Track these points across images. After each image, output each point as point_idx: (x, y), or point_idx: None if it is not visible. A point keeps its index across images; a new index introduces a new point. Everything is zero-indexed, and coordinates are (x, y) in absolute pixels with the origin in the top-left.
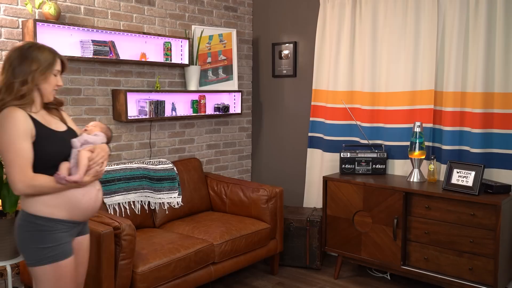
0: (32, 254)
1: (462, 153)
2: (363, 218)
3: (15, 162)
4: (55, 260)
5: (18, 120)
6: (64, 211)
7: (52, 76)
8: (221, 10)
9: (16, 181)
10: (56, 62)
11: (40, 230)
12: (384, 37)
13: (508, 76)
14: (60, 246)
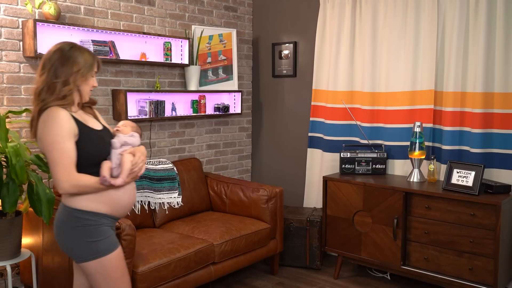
0: (84, 249)
1: (462, 153)
2: (363, 218)
3: (60, 161)
4: (109, 251)
5: (62, 119)
6: (107, 207)
7: (91, 78)
8: (221, 10)
9: (61, 180)
10: (95, 64)
11: (88, 225)
12: (384, 37)
13: (508, 76)
14: (108, 238)
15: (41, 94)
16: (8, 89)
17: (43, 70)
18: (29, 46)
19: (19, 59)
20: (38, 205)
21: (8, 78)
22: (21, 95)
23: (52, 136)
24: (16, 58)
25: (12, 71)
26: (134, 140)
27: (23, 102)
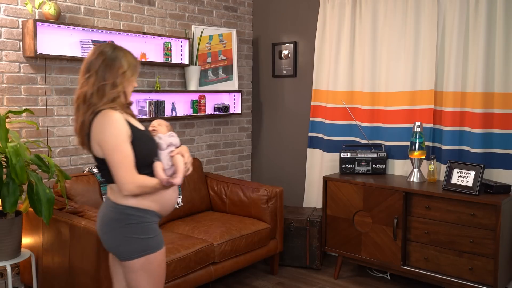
0: (135, 246)
1: (462, 153)
2: (363, 218)
3: (123, 163)
4: (157, 249)
5: (119, 122)
6: (157, 205)
7: (134, 78)
8: (221, 10)
9: (126, 182)
10: (138, 65)
11: (142, 222)
12: (384, 37)
13: (508, 76)
14: (158, 236)
15: (92, 98)
16: (8, 89)
17: (88, 73)
18: (29, 46)
19: (19, 59)
20: (38, 205)
21: (8, 78)
22: (21, 95)
23: (113, 139)
24: (16, 58)
25: (12, 71)
26: (177, 140)
27: (23, 102)
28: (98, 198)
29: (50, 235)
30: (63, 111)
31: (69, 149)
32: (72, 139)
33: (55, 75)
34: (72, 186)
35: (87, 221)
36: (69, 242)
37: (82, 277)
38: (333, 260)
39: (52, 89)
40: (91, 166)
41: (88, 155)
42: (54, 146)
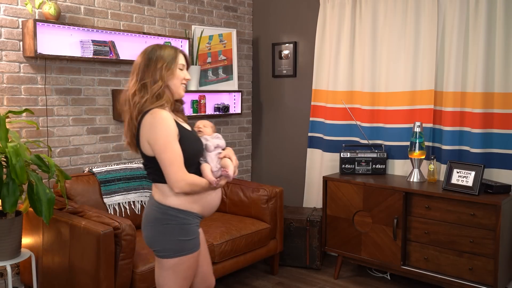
0: (172, 246)
1: (462, 153)
2: (363, 218)
3: (175, 162)
4: (191, 251)
5: (168, 120)
6: (199, 206)
7: (177, 70)
8: (221, 10)
9: (177, 180)
10: (178, 56)
11: (182, 223)
12: (384, 37)
13: (508, 76)
14: (196, 239)
15: (134, 97)
16: (8, 89)
17: (132, 75)
18: (29, 46)
19: (19, 59)
20: (38, 205)
21: (8, 78)
22: (21, 95)
23: (164, 137)
24: (16, 58)
25: (12, 71)
26: (223, 142)
27: (23, 102)
28: (98, 198)
29: (50, 235)
30: (63, 111)
31: (69, 149)
32: (72, 139)
33: (55, 75)
34: (72, 186)
35: (87, 221)
36: (69, 242)
37: (82, 277)
38: (333, 260)
39: (52, 89)
40: (91, 166)
41: (88, 155)
42: (54, 146)
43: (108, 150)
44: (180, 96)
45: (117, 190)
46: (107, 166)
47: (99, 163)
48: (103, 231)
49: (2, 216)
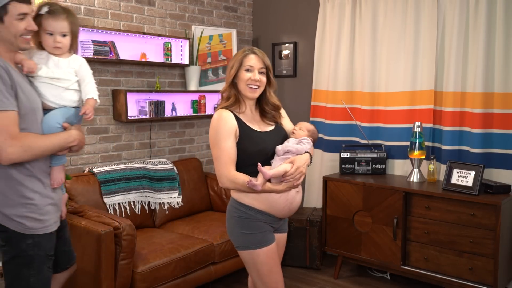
0: (238, 238)
1: (462, 153)
2: (363, 218)
3: (221, 158)
4: (259, 246)
5: (223, 120)
6: (262, 204)
7: (243, 72)
8: (221, 10)
9: (221, 175)
10: (245, 58)
11: (244, 217)
12: (384, 37)
13: (508, 76)
14: (260, 233)
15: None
16: None
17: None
18: None
19: None
20: None
21: None
22: None
23: (215, 135)
24: None
25: None
26: (300, 148)
27: None
28: (98, 198)
29: None
30: None
31: None
32: None
33: None
34: (72, 186)
35: (87, 221)
36: None
37: (82, 277)
38: (333, 260)
39: None
40: (91, 166)
41: (88, 155)
42: None
43: (108, 150)
44: (248, 97)
45: (117, 190)
46: (107, 166)
47: (99, 163)
48: (103, 231)
49: None
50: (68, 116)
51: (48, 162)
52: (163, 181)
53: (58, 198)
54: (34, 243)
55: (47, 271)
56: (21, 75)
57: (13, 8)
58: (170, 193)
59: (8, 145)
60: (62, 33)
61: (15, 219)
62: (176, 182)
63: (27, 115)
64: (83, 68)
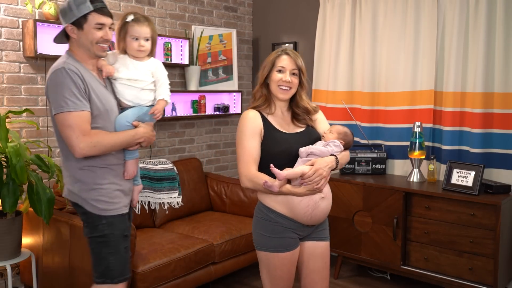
0: (257, 237)
1: (462, 153)
2: (363, 218)
3: (242, 157)
4: (271, 250)
5: (247, 120)
6: (283, 207)
7: (274, 73)
8: (221, 10)
9: (241, 174)
10: (278, 59)
11: (264, 219)
12: (384, 37)
13: (508, 76)
14: (278, 238)
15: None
16: (8, 89)
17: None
18: (29, 46)
19: (19, 59)
20: (38, 205)
21: (8, 78)
22: (21, 95)
23: (238, 134)
24: (16, 58)
25: (12, 71)
26: (324, 151)
27: (23, 102)
28: None
29: (50, 235)
30: None
31: None
32: None
33: None
34: None
35: None
36: (69, 242)
37: (82, 277)
38: (333, 260)
39: None
40: None
41: None
42: (54, 146)
43: None
44: (279, 98)
45: None
46: None
47: None
48: None
49: (2, 216)
50: (139, 115)
51: (120, 155)
52: (163, 181)
53: (127, 187)
54: (108, 223)
55: (124, 253)
56: (97, 80)
57: (93, 18)
58: (170, 193)
59: (80, 141)
60: (146, 37)
61: (90, 201)
62: (176, 182)
63: (100, 115)
64: (159, 70)
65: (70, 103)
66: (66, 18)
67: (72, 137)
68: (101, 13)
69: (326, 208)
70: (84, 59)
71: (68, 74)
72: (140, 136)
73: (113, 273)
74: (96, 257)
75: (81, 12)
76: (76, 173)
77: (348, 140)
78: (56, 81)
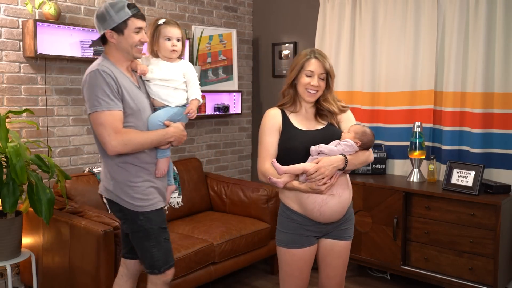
0: (276, 233)
1: (462, 153)
2: (363, 218)
3: (260, 152)
4: (284, 245)
5: (267, 117)
6: (296, 205)
7: (303, 76)
8: (221, 10)
9: (257, 168)
10: (307, 62)
11: (282, 216)
12: (384, 37)
13: (508, 76)
14: (292, 234)
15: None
16: (8, 89)
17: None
18: (29, 46)
19: (19, 59)
20: (38, 205)
21: (8, 78)
22: (21, 95)
23: (260, 130)
24: (16, 58)
25: (12, 71)
26: (332, 149)
27: (23, 102)
28: (98, 198)
29: (50, 235)
30: (63, 111)
31: (69, 149)
32: (72, 139)
33: (55, 75)
34: (72, 186)
35: (87, 221)
36: (69, 242)
37: (82, 277)
38: None
39: (52, 89)
40: (91, 166)
41: (88, 155)
42: (54, 146)
43: None
44: (305, 101)
45: None
46: None
47: (99, 163)
48: (103, 231)
49: (2, 216)
50: (171, 115)
51: (154, 154)
52: None
53: (161, 184)
54: (146, 219)
55: (165, 243)
56: (131, 81)
57: (132, 23)
58: None
59: (112, 138)
60: (178, 38)
61: (125, 199)
62: (176, 182)
63: (133, 114)
64: (190, 71)
65: (103, 102)
66: (105, 24)
67: (104, 135)
68: (138, 18)
69: (336, 206)
70: (120, 61)
71: (102, 75)
72: (170, 135)
73: (158, 263)
74: (141, 250)
75: (121, 18)
76: (112, 169)
77: (366, 141)
78: (90, 82)
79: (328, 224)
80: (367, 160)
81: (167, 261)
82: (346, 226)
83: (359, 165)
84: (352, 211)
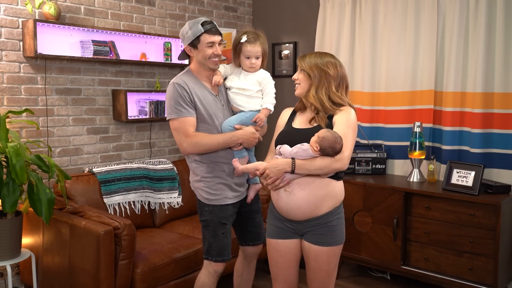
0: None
1: (462, 153)
2: (363, 218)
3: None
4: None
5: (281, 115)
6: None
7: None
8: (221, 10)
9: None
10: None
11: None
12: (384, 37)
13: (508, 76)
14: (270, 225)
15: None
16: (8, 89)
17: None
18: (29, 46)
19: (19, 59)
20: (38, 205)
21: (8, 78)
22: (21, 95)
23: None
24: (16, 58)
25: (12, 71)
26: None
27: (23, 102)
28: (98, 198)
29: (50, 235)
30: (63, 111)
31: (69, 149)
32: (72, 139)
33: (55, 75)
34: (72, 186)
35: (87, 221)
36: (69, 242)
37: (82, 277)
38: None
39: (52, 89)
40: (91, 166)
41: (88, 155)
42: (54, 146)
43: (108, 150)
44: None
45: (117, 190)
46: (107, 166)
47: (99, 163)
48: (103, 231)
49: (2, 216)
50: (242, 119)
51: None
52: (163, 181)
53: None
54: (210, 211)
55: (222, 237)
56: (207, 89)
57: (204, 39)
58: (170, 193)
59: (183, 141)
60: (257, 56)
61: (198, 191)
62: (176, 182)
63: (206, 120)
64: (265, 80)
65: (177, 110)
66: (184, 40)
67: (177, 138)
68: (210, 33)
69: (291, 203)
70: (200, 72)
71: (176, 87)
72: (238, 137)
73: (213, 252)
74: (203, 236)
75: (195, 34)
76: (192, 166)
77: (324, 146)
78: (168, 94)
79: (295, 222)
80: (329, 167)
81: (221, 253)
82: (321, 232)
83: (315, 171)
84: (335, 219)
